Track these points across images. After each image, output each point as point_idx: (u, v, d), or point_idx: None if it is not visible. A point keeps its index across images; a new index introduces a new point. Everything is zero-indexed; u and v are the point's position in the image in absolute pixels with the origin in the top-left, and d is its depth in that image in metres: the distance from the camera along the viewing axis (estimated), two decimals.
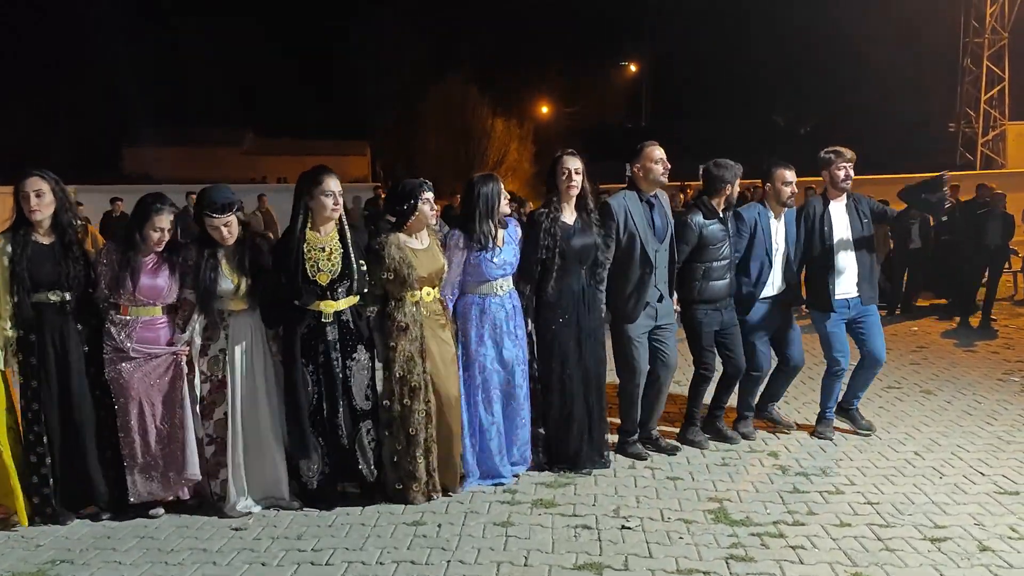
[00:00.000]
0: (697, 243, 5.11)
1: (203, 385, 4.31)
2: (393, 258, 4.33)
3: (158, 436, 4.27)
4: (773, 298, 5.39)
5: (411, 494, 4.40)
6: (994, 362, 7.63)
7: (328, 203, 4.25)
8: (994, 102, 29.90)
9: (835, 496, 4.46)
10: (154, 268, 4.23)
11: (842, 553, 3.79)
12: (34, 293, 4.12)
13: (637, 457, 5.06)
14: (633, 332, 4.94)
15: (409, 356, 4.36)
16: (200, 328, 4.28)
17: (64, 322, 4.18)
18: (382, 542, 3.98)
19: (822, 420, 5.52)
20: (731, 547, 3.86)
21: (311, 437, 4.32)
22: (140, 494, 4.28)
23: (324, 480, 4.39)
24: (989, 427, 5.62)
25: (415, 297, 4.40)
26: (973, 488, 4.55)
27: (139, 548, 3.98)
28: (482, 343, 4.60)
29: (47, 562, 3.84)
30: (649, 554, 3.80)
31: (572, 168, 4.71)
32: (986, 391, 6.56)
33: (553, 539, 3.97)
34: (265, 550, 3.92)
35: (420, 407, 4.36)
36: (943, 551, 3.79)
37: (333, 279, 4.26)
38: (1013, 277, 11.90)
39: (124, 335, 4.19)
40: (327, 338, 4.29)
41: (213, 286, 4.21)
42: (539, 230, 4.69)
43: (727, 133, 33.70)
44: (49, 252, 4.16)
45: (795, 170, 5.32)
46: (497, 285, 4.62)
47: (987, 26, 29.23)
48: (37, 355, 4.15)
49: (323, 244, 4.28)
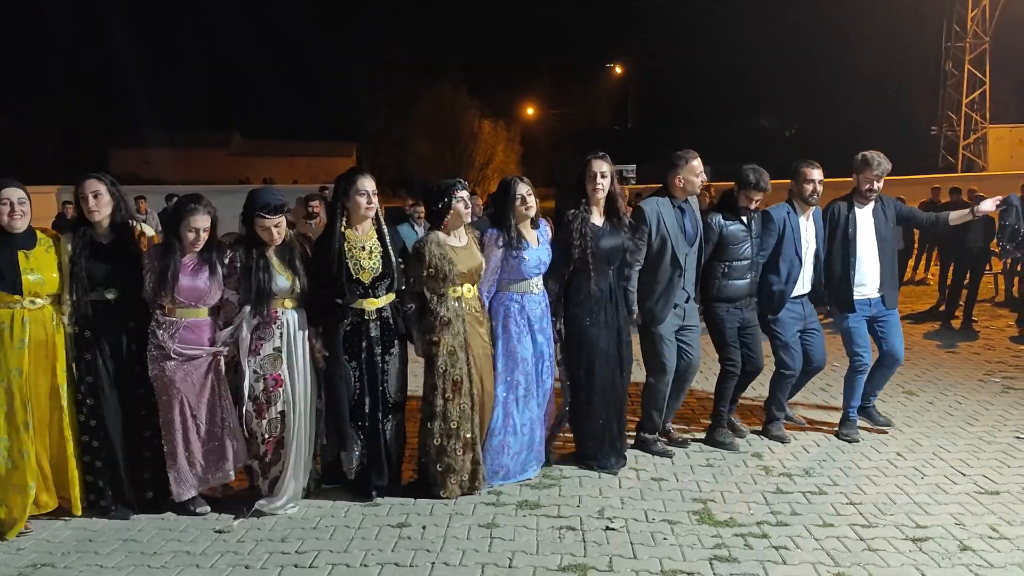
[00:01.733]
0: (718, 242, 5.19)
1: (256, 384, 4.33)
2: (433, 255, 4.43)
3: (198, 435, 4.33)
4: (803, 296, 5.45)
5: (448, 488, 4.48)
6: (975, 363, 7.70)
7: (363, 202, 4.36)
8: (975, 105, 30.20)
9: (818, 497, 4.49)
10: (194, 269, 4.28)
11: (825, 553, 3.81)
12: (90, 291, 4.25)
13: (663, 455, 5.14)
14: (663, 330, 5.05)
15: (452, 350, 4.46)
16: (250, 327, 4.32)
17: (117, 319, 4.31)
18: (367, 544, 3.97)
19: (845, 421, 5.57)
20: (715, 548, 3.88)
21: (352, 430, 4.43)
22: (180, 493, 4.35)
23: (362, 471, 4.49)
24: (970, 428, 5.67)
25: (456, 293, 4.50)
26: (954, 488, 4.59)
27: (122, 551, 3.96)
28: (522, 340, 4.68)
29: (28, 565, 3.82)
30: (633, 555, 3.81)
31: (599, 171, 4.78)
32: (967, 392, 6.62)
33: (538, 540, 3.98)
34: (249, 552, 3.91)
35: (464, 401, 4.47)
36: (924, 551, 3.82)
37: (375, 277, 4.39)
38: (994, 279, 12.00)
39: (167, 335, 4.25)
40: (370, 334, 4.42)
41: (268, 285, 4.28)
42: (569, 230, 4.77)
43: (713, 135, 33.85)
44: (106, 251, 4.30)
45: (821, 168, 5.36)
46: (533, 283, 4.73)
47: (969, 30, 29.53)
48: (92, 351, 4.27)
49: (363, 243, 4.40)
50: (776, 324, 5.37)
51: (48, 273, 4.19)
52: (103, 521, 4.30)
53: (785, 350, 5.39)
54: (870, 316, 5.40)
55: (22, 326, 4.12)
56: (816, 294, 5.50)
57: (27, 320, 4.14)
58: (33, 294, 4.15)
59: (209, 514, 4.37)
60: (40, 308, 4.18)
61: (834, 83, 38.38)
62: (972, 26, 29.41)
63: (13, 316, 4.12)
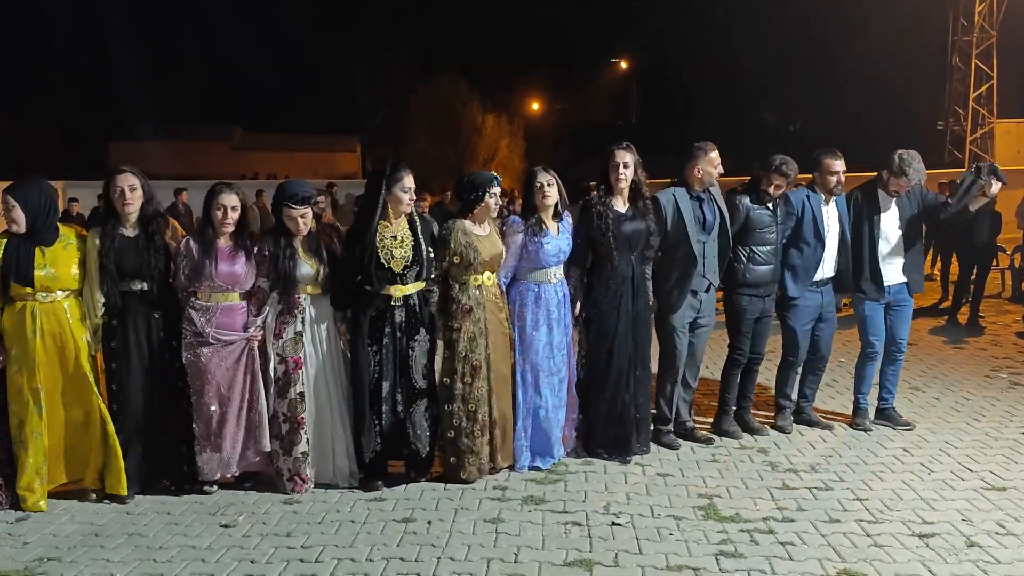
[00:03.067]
0: (743, 226, 5.21)
1: (278, 367, 4.48)
2: (460, 243, 4.57)
3: (230, 417, 4.48)
4: (826, 284, 5.46)
5: (467, 470, 4.60)
6: (982, 359, 7.68)
7: (404, 198, 4.49)
8: (982, 100, 30.06)
9: (824, 492, 4.48)
10: (231, 255, 4.46)
11: (831, 549, 3.80)
12: (119, 282, 4.39)
13: (670, 447, 5.17)
14: (676, 322, 5.10)
15: (472, 336, 4.59)
16: (275, 312, 4.49)
17: (145, 309, 4.46)
18: (372, 539, 3.97)
19: (857, 411, 5.61)
20: (721, 543, 3.87)
21: (370, 414, 4.53)
22: (207, 472, 4.52)
23: (376, 457, 4.59)
24: (977, 423, 5.66)
25: (477, 281, 4.63)
26: (961, 484, 4.57)
27: (127, 545, 3.96)
28: (537, 327, 4.78)
29: (35, 559, 3.82)
30: (639, 550, 3.81)
31: (622, 162, 4.87)
32: (974, 388, 6.60)
33: (543, 536, 3.97)
34: (254, 547, 3.91)
35: (481, 385, 4.61)
36: (931, 547, 3.81)
37: (405, 265, 4.48)
38: (1001, 274, 11.96)
39: (204, 320, 4.42)
40: (395, 320, 4.53)
41: (293, 272, 4.43)
42: (591, 216, 4.85)
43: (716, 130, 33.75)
44: (133, 244, 4.43)
45: (842, 158, 5.35)
46: (551, 272, 4.81)
47: (976, 24, 29.36)
48: (119, 339, 4.42)
49: (394, 232, 4.51)
50: (789, 312, 5.40)
51: (63, 269, 4.32)
52: (109, 515, 4.31)
53: (793, 338, 5.42)
54: (887, 302, 5.43)
55: (33, 318, 4.28)
56: (841, 280, 5.50)
57: (38, 312, 4.29)
58: (44, 288, 4.29)
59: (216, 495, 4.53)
60: (52, 302, 4.32)
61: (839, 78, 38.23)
62: (979, 20, 29.24)
63: (25, 307, 4.29)
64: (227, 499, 4.50)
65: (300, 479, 4.53)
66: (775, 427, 5.52)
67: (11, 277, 4.26)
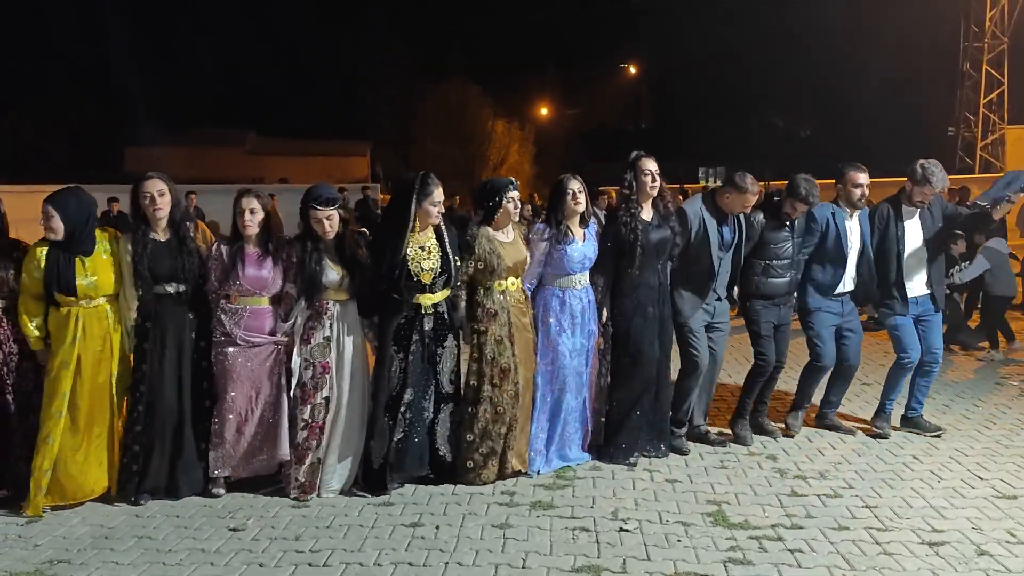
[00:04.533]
0: (758, 240, 5.26)
1: (305, 371, 4.53)
2: (484, 248, 4.66)
3: (252, 419, 4.55)
4: (844, 295, 5.47)
5: (487, 471, 4.67)
6: (992, 366, 7.64)
7: (434, 211, 4.56)
8: (993, 106, 29.93)
9: (833, 500, 4.47)
10: (259, 260, 4.55)
11: (840, 557, 3.79)
12: (153, 286, 4.48)
13: (679, 451, 5.21)
14: (693, 324, 5.15)
15: (499, 339, 4.67)
16: (304, 318, 4.55)
17: (178, 311, 4.55)
18: (380, 543, 3.98)
19: (880, 414, 5.62)
20: (729, 550, 3.86)
21: (385, 421, 4.56)
22: (218, 468, 4.58)
23: (383, 464, 4.59)
24: (987, 431, 5.63)
25: (502, 286, 4.71)
26: (971, 492, 4.55)
27: (137, 548, 3.98)
28: (561, 333, 4.84)
29: (45, 562, 3.84)
30: (647, 557, 3.80)
31: (653, 170, 4.94)
32: (984, 395, 6.56)
33: (551, 541, 3.97)
34: (263, 550, 3.92)
35: (509, 388, 4.67)
36: (941, 555, 3.80)
37: (434, 276, 4.56)
38: None
39: (233, 323, 4.50)
40: (423, 328, 4.59)
41: (319, 277, 4.49)
42: (618, 225, 4.89)
43: (727, 136, 33.68)
44: (166, 248, 4.52)
45: (867, 171, 5.38)
46: (576, 279, 4.87)
47: (987, 31, 29.26)
48: (151, 341, 4.49)
49: (422, 243, 4.57)
50: (811, 317, 5.42)
51: (104, 276, 4.45)
52: (119, 518, 4.33)
53: (819, 341, 5.44)
54: (915, 315, 5.44)
55: (75, 323, 4.40)
56: (861, 293, 5.51)
57: (81, 317, 4.41)
58: (87, 296, 4.42)
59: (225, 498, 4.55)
60: (95, 307, 4.45)
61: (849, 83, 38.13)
62: (990, 26, 29.14)
63: (69, 313, 4.41)
64: (236, 502, 4.52)
65: (309, 487, 4.53)
66: (783, 428, 5.55)
67: (53, 288, 4.36)
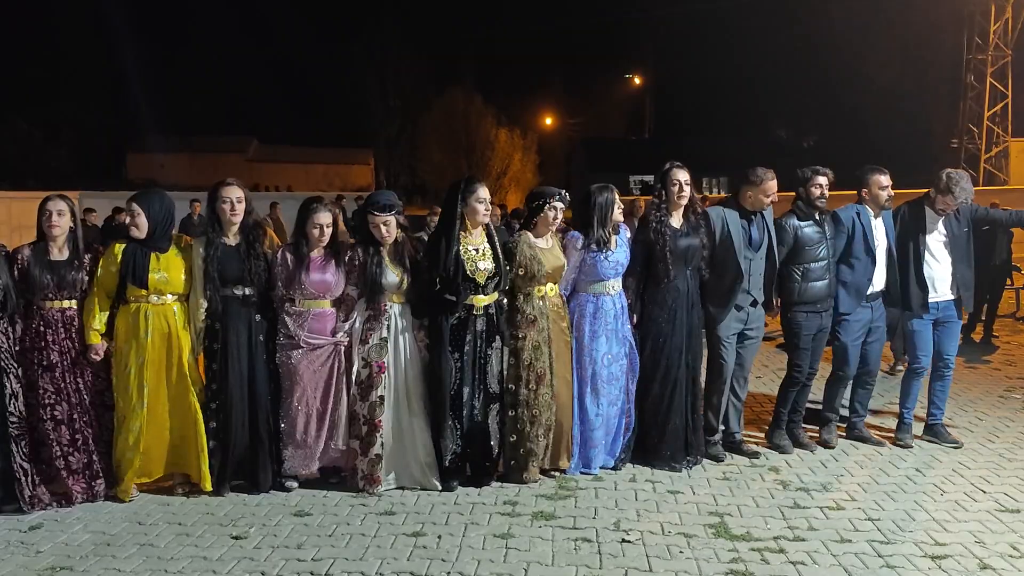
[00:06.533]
0: (793, 245, 5.28)
1: (363, 370, 4.71)
2: (525, 255, 4.78)
3: (315, 415, 4.74)
4: (877, 298, 5.49)
5: (529, 471, 4.81)
6: (996, 379, 7.62)
7: (481, 209, 4.71)
8: (997, 119, 29.96)
9: (836, 512, 4.46)
10: (322, 265, 4.73)
11: (842, 569, 3.78)
12: (222, 288, 4.64)
13: (715, 459, 5.24)
14: (723, 332, 5.19)
15: (536, 345, 4.79)
16: (362, 319, 4.73)
17: (246, 313, 4.72)
18: (382, 552, 3.98)
19: (901, 426, 5.64)
20: (731, 562, 3.85)
21: (451, 419, 4.72)
22: (291, 468, 4.79)
23: (455, 459, 4.77)
24: (990, 444, 5.62)
25: (541, 292, 4.84)
26: (974, 505, 4.54)
27: (139, 555, 3.98)
28: (595, 338, 4.93)
29: (47, 568, 3.85)
30: (649, 568, 3.80)
31: (683, 180, 5.04)
32: (987, 408, 6.55)
33: (553, 552, 3.97)
34: (265, 559, 3.92)
35: (545, 391, 4.79)
36: (943, 568, 3.79)
37: (488, 277, 4.70)
38: (1016, 294, 11.88)
39: (297, 324, 4.70)
40: (476, 328, 4.74)
41: (380, 280, 4.67)
42: (648, 232, 5.02)
43: (730, 146, 33.72)
44: (235, 252, 4.70)
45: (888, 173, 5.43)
46: (609, 285, 4.97)
47: (991, 43, 29.31)
48: (220, 341, 4.67)
49: (476, 245, 4.75)
50: (840, 327, 5.44)
51: (175, 274, 4.64)
52: (121, 524, 4.34)
53: (844, 352, 5.47)
54: (935, 319, 5.47)
55: (145, 319, 4.58)
56: (891, 295, 5.53)
57: (150, 313, 4.59)
58: (157, 291, 4.59)
59: (296, 490, 4.77)
60: (163, 304, 4.62)
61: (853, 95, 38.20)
62: (994, 39, 29.20)
63: (139, 309, 4.59)
64: (238, 510, 4.52)
65: (373, 479, 4.70)
66: (820, 442, 5.54)
67: (128, 279, 4.55)
